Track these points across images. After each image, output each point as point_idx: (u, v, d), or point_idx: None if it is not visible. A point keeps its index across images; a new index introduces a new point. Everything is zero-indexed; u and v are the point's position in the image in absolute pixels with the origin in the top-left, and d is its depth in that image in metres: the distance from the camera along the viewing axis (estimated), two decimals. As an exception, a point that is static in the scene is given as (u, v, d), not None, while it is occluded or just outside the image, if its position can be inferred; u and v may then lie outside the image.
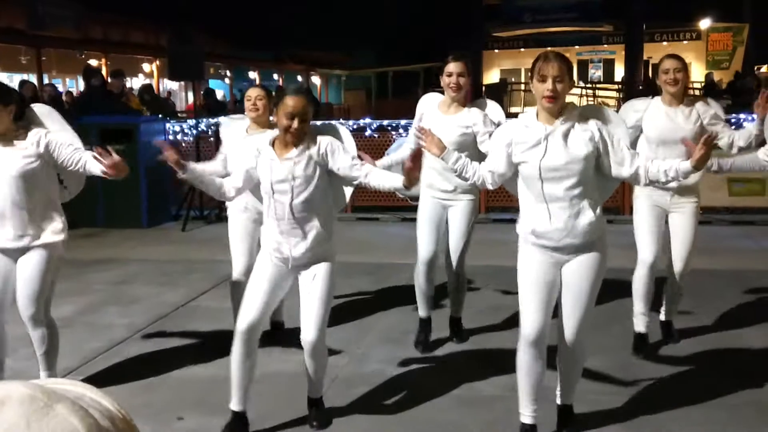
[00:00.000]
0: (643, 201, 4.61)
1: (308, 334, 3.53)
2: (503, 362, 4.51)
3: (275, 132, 3.59)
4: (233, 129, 4.83)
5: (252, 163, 3.57)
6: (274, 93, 4.45)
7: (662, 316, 4.92)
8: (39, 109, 4.12)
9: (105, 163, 3.59)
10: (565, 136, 3.27)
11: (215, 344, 4.94)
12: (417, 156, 3.37)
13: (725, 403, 3.91)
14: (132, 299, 6.08)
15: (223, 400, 4.07)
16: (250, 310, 3.58)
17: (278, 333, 5.02)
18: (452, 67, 4.54)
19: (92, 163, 3.78)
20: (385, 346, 4.87)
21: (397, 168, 4.27)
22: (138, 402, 3.94)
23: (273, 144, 3.54)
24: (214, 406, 4.00)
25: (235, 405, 3.66)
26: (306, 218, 3.49)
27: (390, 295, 5.96)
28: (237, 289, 4.41)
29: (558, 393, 3.66)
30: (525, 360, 3.46)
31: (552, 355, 3.54)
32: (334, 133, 3.70)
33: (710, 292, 5.82)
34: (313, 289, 3.54)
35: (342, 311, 5.57)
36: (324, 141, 3.53)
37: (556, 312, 3.47)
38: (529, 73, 3.37)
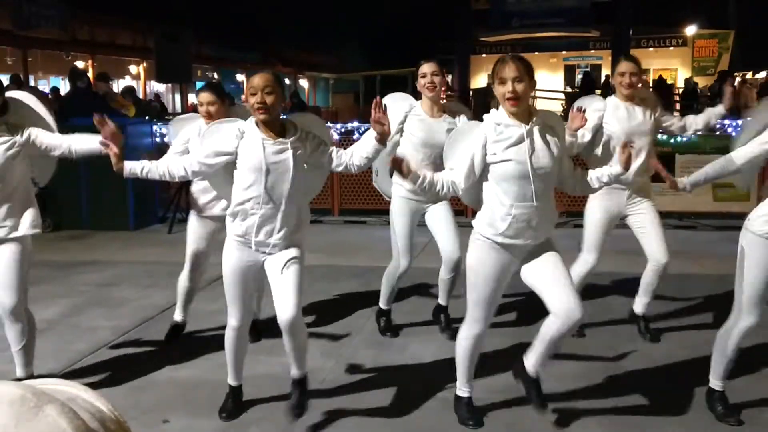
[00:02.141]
0: (596, 205, 4.75)
1: (286, 312, 3.48)
2: (488, 364, 4.53)
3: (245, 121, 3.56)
4: (187, 129, 4.76)
5: (230, 145, 3.49)
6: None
7: (642, 309, 4.99)
8: (20, 95, 4.19)
9: (104, 133, 3.63)
10: (542, 135, 3.32)
11: (201, 346, 4.93)
12: (377, 104, 3.42)
13: (699, 405, 3.93)
14: (118, 301, 6.05)
15: (209, 401, 4.06)
16: (238, 306, 3.67)
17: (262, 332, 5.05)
18: (426, 68, 4.62)
19: (80, 143, 3.92)
20: (371, 349, 4.88)
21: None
22: (124, 404, 3.92)
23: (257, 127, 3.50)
24: (200, 408, 3.99)
25: (235, 381, 3.93)
26: (289, 204, 3.49)
27: (376, 297, 5.95)
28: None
29: (539, 368, 3.59)
30: (478, 343, 3.65)
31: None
32: (313, 123, 3.75)
33: (695, 296, 5.86)
34: (287, 272, 3.53)
35: (328, 314, 5.57)
36: (311, 134, 3.56)
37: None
38: (490, 79, 3.45)
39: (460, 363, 3.75)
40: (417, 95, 4.76)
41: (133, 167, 3.62)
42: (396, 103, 4.62)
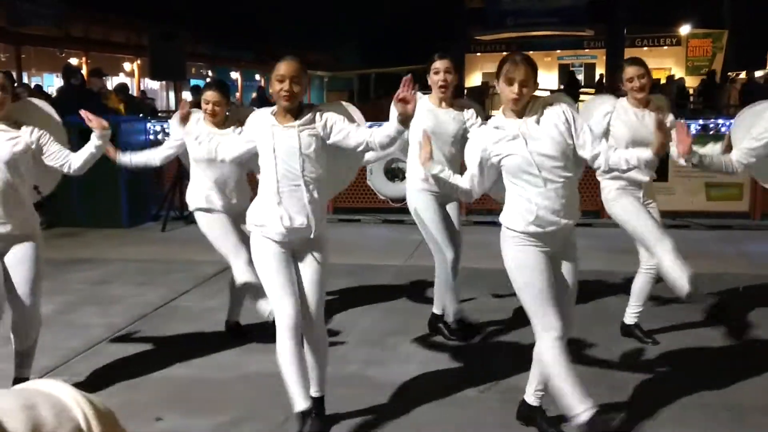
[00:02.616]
0: (625, 203, 4.58)
1: (309, 321, 3.50)
2: (483, 362, 4.54)
3: (265, 110, 3.57)
4: (194, 116, 4.78)
5: (251, 133, 3.55)
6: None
7: (635, 319, 4.93)
8: (38, 103, 4.22)
9: (93, 123, 3.83)
10: (538, 122, 3.33)
11: (195, 344, 4.93)
12: (407, 82, 3.29)
13: (701, 405, 3.94)
14: (111, 299, 6.04)
15: (202, 400, 4.07)
16: (287, 303, 3.45)
17: (244, 331, 5.07)
18: (439, 64, 4.59)
19: (78, 157, 3.96)
20: (365, 347, 4.88)
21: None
22: (117, 402, 3.91)
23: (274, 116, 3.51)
24: (193, 407, 3.99)
25: (302, 404, 3.47)
26: (304, 190, 3.43)
27: (370, 296, 5.97)
28: (245, 284, 4.58)
29: (540, 391, 3.59)
30: (561, 355, 3.30)
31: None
32: (341, 109, 3.68)
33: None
34: (311, 275, 3.52)
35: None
36: (327, 114, 3.52)
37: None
38: (496, 74, 3.39)
39: (559, 380, 3.30)
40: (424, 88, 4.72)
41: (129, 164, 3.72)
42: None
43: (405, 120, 3.30)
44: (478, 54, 29.56)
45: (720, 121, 8.73)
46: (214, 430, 3.76)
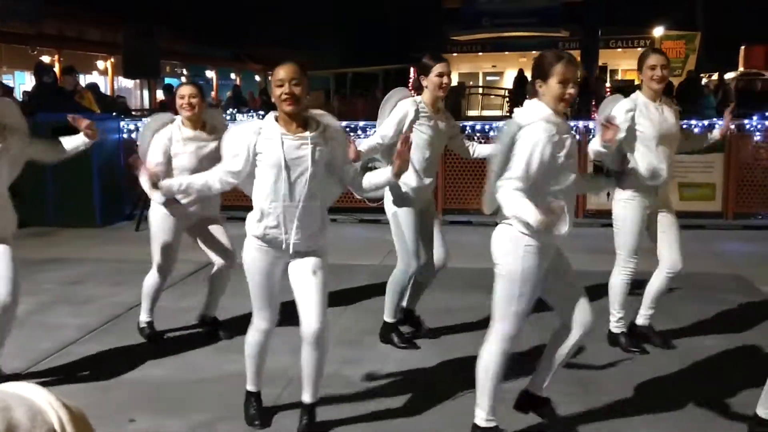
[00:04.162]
0: (635, 206, 4.58)
1: (313, 323, 3.43)
2: (457, 361, 4.55)
3: (263, 120, 3.46)
4: (164, 131, 4.69)
5: (248, 142, 3.38)
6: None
7: (646, 321, 4.86)
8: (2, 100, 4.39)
9: (82, 126, 4.11)
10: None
11: (169, 345, 4.90)
12: (405, 140, 3.38)
13: (677, 404, 3.97)
14: (84, 299, 5.98)
15: (176, 401, 4.04)
16: (268, 308, 3.57)
17: (221, 328, 5.06)
18: (443, 67, 4.58)
19: (65, 144, 4.32)
20: (341, 347, 4.86)
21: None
22: (90, 403, 3.87)
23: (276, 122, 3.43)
24: (166, 408, 3.96)
25: (255, 386, 3.79)
26: (308, 203, 3.39)
27: (346, 296, 5.95)
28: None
29: (545, 384, 3.58)
30: (503, 361, 3.40)
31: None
32: (340, 132, 3.65)
33: (661, 294, 5.91)
34: (312, 281, 3.46)
35: (297, 312, 5.54)
36: (332, 127, 3.49)
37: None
38: (538, 71, 3.29)
39: (485, 384, 3.44)
40: (387, 89, 4.75)
41: (171, 185, 3.67)
42: (403, 100, 4.61)
43: (399, 174, 3.40)
44: (455, 54, 29.67)
45: (702, 123, 8.82)
46: (188, 431, 3.73)
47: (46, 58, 18.87)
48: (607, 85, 22.28)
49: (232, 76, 32.36)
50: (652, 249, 4.77)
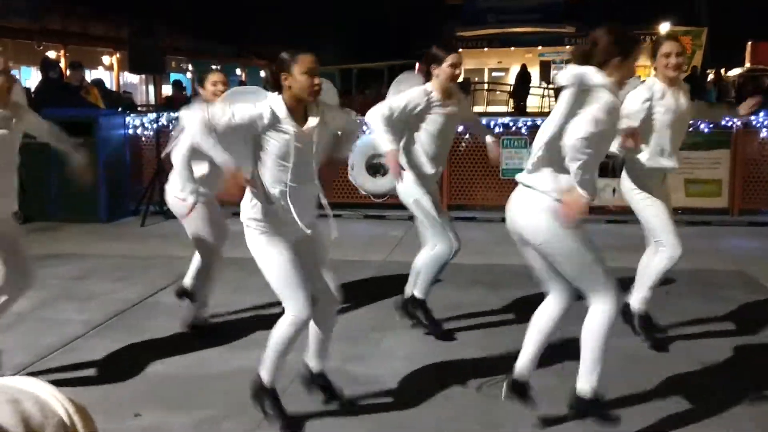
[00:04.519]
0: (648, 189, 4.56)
1: (333, 299, 3.66)
2: (462, 356, 4.54)
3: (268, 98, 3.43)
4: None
5: (263, 116, 3.34)
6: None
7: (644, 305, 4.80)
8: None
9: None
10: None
11: (174, 341, 4.90)
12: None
13: (680, 400, 3.96)
14: (89, 295, 5.98)
15: (181, 396, 4.04)
16: (301, 289, 3.43)
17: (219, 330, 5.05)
18: (456, 58, 4.71)
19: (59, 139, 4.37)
20: (344, 342, 4.85)
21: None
22: (95, 398, 3.88)
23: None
24: (171, 403, 3.96)
25: (271, 382, 3.66)
26: (313, 185, 3.55)
27: (350, 291, 5.91)
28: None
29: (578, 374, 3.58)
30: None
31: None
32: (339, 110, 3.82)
33: (668, 290, 5.90)
34: (321, 255, 3.70)
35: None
36: (324, 103, 3.57)
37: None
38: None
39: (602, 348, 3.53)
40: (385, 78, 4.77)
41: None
42: (415, 88, 4.66)
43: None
44: (460, 50, 29.61)
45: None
46: (193, 427, 3.73)
47: (51, 54, 18.89)
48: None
49: (237, 71, 32.35)
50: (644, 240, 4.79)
